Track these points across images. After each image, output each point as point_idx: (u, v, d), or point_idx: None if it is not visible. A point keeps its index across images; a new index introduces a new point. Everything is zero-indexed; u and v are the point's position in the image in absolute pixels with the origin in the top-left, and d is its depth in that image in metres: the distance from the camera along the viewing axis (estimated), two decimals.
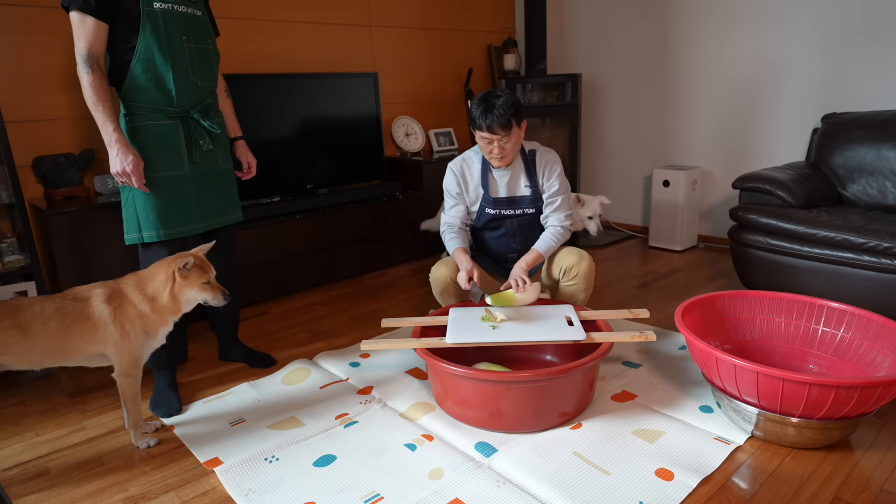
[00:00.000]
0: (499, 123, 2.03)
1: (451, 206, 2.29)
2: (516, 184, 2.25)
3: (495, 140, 2.07)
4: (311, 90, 3.23)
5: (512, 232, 2.29)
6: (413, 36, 3.99)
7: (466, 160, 2.28)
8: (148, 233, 1.93)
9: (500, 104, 2.03)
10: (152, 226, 1.93)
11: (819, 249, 2.43)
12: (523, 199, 2.25)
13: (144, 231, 1.93)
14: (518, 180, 2.24)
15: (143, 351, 1.76)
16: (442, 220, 2.32)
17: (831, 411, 1.54)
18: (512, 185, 2.24)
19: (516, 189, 2.25)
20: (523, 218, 2.27)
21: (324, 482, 1.58)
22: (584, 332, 1.86)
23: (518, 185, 2.25)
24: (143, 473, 1.67)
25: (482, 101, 2.07)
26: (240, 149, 2.26)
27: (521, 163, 2.24)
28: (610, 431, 1.75)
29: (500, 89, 2.12)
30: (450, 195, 2.29)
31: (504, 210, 2.24)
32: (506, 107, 2.03)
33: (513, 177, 2.23)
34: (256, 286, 3.02)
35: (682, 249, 3.74)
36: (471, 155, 2.28)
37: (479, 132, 2.10)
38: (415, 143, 4.01)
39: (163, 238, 1.94)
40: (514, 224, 2.27)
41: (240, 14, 3.18)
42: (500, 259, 2.33)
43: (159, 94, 1.86)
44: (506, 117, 2.03)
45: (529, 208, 2.25)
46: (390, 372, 2.20)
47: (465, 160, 2.28)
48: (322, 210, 3.24)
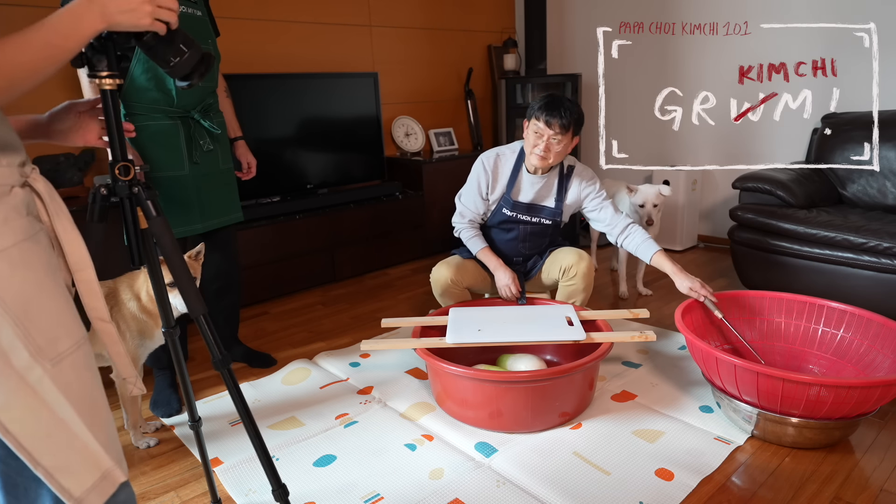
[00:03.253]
0: (559, 120, 2.01)
1: (472, 199, 2.25)
2: (545, 194, 2.23)
3: (547, 135, 2.04)
4: (311, 90, 3.23)
5: (523, 237, 2.27)
6: (413, 36, 3.99)
7: (501, 155, 2.24)
8: None
9: (568, 105, 2.04)
10: None
11: (819, 249, 2.43)
12: (544, 210, 2.23)
13: None
14: (549, 191, 2.22)
15: (140, 352, 1.75)
16: (458, 211, 2.29)
17: (831, 411, 1.53)
18: (541, 194, 2.22)
19: (543, 199, 2.23)
20: (538, 226, 2.25)
21: (324, 482, 1.58)
22: (584, 332, 1.86)
23: (547, 195, 2.23)
24: (143, 473, 1.67)
25: (550, 97, 2.06)
26: (240, 149, 2.26)
27: (556, 175, 2.22)
28: (610, 431, 1.75)
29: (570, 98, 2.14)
30: (474, 188, 2.24)
31: (521, 214, 2.22)
32: (572, 110, 2.03)
33: (545, 186, 2.21)
34: (256, 286, 3.02)
35: (683, 249, 3.74)
36: (506, 151, 2.25)
37: (534, 121, 2.06)
38: (415, 143, 4.01)
39: None
40: (527, 230, 2.26)
41: (240, 14, 3.18)
42: (504, 260, 2.33)
43: (159, 95, 1.86)
44: (568, 118, 2.02)
45: (547, 219, 2.24)
46: (390, 372, 2.20)
47: (500, 155, 2.24)
48: (322, 210, 3.24)
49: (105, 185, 1.07)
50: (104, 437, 0.78)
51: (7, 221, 0.73)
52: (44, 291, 0.75)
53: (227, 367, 1.15)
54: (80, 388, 0.77)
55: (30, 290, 0.74)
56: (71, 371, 0.76)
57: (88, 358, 0.80)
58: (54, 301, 0.76)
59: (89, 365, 0.80)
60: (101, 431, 0.78)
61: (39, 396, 0.72)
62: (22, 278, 0.73)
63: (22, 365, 0.71)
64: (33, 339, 0.72)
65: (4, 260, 0.71)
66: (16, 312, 0.71)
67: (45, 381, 0.72)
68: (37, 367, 0.72)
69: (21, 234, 0.74)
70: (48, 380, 0.73)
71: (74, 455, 0.75)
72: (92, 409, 0.78)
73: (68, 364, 0.76)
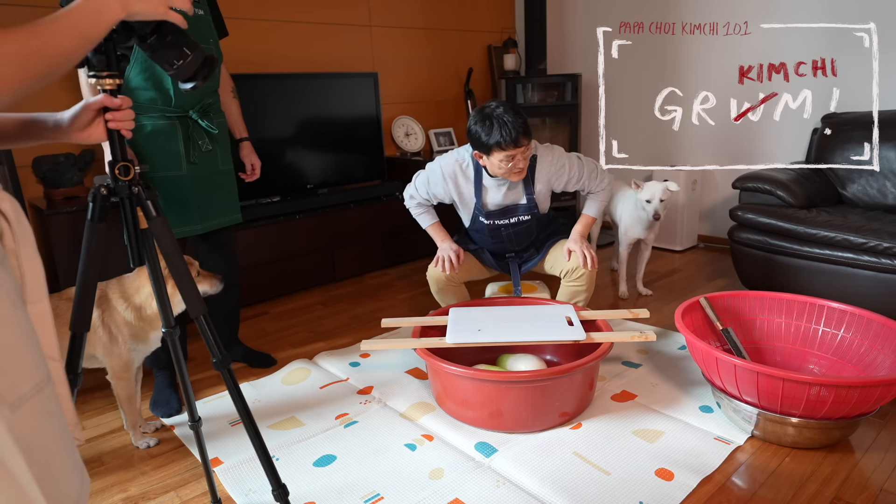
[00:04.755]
0: (523, 132, 1.89)
1: (425, 189, 2.21)
2: (515, 193, 2.16)
3: (518, 153, 1.93)
4: (311, 90, 3.23)
5: (508, 238, 2.24)
6: (413, 36, 3.99)
7: (462, 166, 2.13)
8: None
9: (510, 115, 1.90)
10: None
11: (819, 249, 2.43)
12: (517, 208, 2.17)
13: None
14: (516, 189, 2.15)
15: (133, 356, 1.75)
16: (409, 193, 2.26)
17: (831, 411, 1.53)
18: (510, 195, 2.15)
19: (513, 199, 2.17)
20: (519, 226, 2.21)
21: (324, 482, 1.58)
22: (584, 332, 1.86)
23: (516, 194, 2.16)
24: (142, 473, 1.67)
25: (489, 121, 1.91)
26: (244, 150, 2.24)
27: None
28: (610, 431, 1.75)
29: (489, 103, 1.97)
30: (424, 184, 2.20)
31: (498, 220, 2.18)
32: (515, 114, 1.90)
33: (511, 187, 2.14)
34: (256, 286, 3.02)
35: (682, 249, 3.74)
36: (466, 158, 2.14)
37: (499, 152, 1.92)
38: (415, 143, 4.01)
39: None
40: (510, 232, 2.22)
41: (240, 14, 3.18)
42: (497, 255, 2.30)
43: (157, 94, 1.85)
44: (523, 123, 1.90)
45: (525, 215, 2.19)
46: (390, 372, 2.20)
47: (461, 166, 2.13)
48: (322, 210, 3.24)
49: (105, 185, 1.07)
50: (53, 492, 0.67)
51: None
52: (7, 325, 0.64)
53: (227, 367, 1.15)
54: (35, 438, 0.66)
55: None
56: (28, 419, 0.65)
57: (49, 402, 0.69)
58: (17, 336, 0.65)
59: (50, 410, 0.69)
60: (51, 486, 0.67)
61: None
62: None
63: None
64: None
65: None
66: None
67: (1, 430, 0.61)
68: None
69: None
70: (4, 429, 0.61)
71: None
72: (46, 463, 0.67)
73: (26, 411, 0.65)
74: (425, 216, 2.27)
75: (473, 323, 1.97)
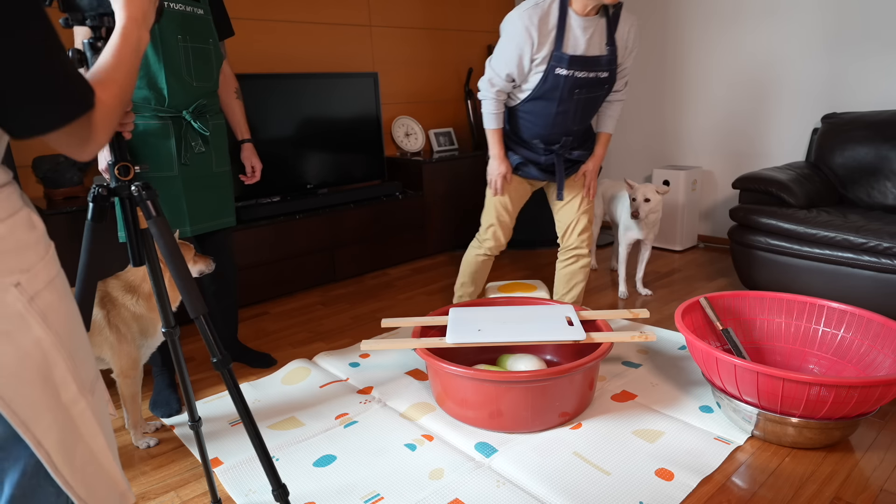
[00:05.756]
0: None
1: (508, 67, 1.96)
2: (597, 41, 1.93)
3: None
4: (311, 90, 3.23)
5: (576, 107, 2.00)
6: (413, 36, 3.99)
7: (541, 5, 1.89)
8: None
9: None
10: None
11: (819, 249, 2.43)
12: (600, 60, 1.95)
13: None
14: (601, 37, 1.93)
15: (142, 352, 1.76)
16: (488, 78, 2.03)
17: (831, 411, 1.54)
18: (593, 43, 1.92)
19: (595, 48, 1.94)
20: (595, 89, 1.97)
21: (324, 482, 1.58)
22: (584, 332, 1.86)
23: (599, 43, 1.94)
24: (143, 473, 1.67)
25: None
26: (245, 152, 2.22)
27: (602, 15, 1.93)
28: (610, 431, 1.75)
29: None
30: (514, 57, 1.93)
31: (578, 72, 1.92)
32: None
33: (596, 31, 1.91)
34: (256, 286, 3.02)
35: (682, 249, 3.74)
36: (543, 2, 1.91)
37: None
38: (415, 143, 4.01)
39: None
40: (582, 97, 1.97)
41: (240, 14, 3.18)
42: (551, 142, 2.10)
43: (150, 93, 1.83)
44: None
45: (604, 72, 1.97)
46: (390, 372, 2.20)
47: (540, 6, 1.89)
48: (322, 210, 3.24)
49: (104, 185, 1.07)
50: (118, 461, 0.80)
51: (48, 248, 0.71)
52: (79, 322, 0.75)
53: (227, 367, 1.15)
54: (104, 416, 0.78)
55: (73, 321, 0.73)
56: (99, 400, 0.77)
57: (102, 384, 0.81)
58: (83, 330, 0.77)
59: (104, 391, 0.81)
60: (117, 456, 0.79)
61: (79, 430, 0.72)
62: (66, 309, 0.72)
63: (69, 399, 0.70)
64: (79, 373, 0.72)
65: (53, 291, 0.69)
66: (68, 347, 0.70)
67: (86, 413, 0.72)
68: (81, 400, 0.72)
69: (58, 261, 0.73)
70: (89, 412, 0.73)
71: (102, 483, 0.75)
72: (111, 435, 0.79)
73: (96, 395, 0.76)
74: (496, 117, 2.05)
75: (473, 323, 1.98)
